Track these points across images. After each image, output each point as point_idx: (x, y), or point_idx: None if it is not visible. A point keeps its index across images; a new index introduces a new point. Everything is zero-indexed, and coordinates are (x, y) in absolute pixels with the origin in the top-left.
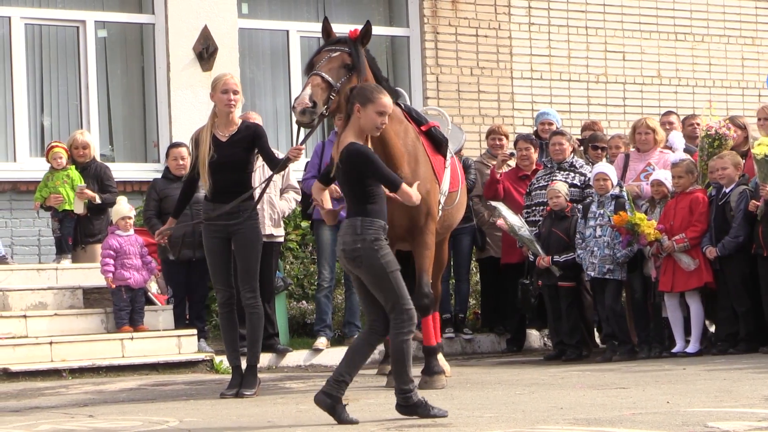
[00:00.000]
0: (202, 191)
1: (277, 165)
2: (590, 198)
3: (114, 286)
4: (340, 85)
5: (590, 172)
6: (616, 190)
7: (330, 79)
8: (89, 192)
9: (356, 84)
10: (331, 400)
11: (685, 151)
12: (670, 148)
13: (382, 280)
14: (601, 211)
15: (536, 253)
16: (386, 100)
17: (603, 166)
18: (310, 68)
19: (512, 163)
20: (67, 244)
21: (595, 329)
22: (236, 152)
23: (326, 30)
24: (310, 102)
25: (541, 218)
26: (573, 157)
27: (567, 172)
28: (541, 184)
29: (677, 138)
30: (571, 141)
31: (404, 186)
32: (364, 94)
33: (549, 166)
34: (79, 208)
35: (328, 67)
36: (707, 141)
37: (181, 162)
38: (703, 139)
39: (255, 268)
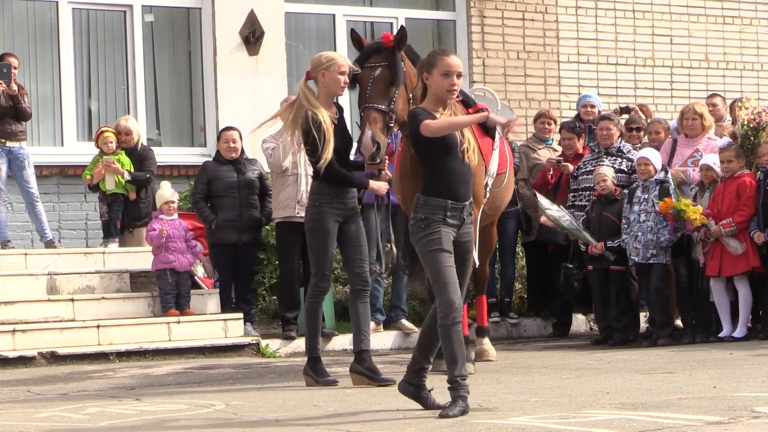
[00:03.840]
0: (249, 174)
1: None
2: (636, 183)
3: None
4: (393, 104)
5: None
6: (661, 175)
7: (383, 107)
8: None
9: (405, 94)
10: (414, 388)
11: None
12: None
13: (424, 261)
14: (646, 196)
15: (586, 242)
16: (451, 60)
17: (646, 151)
18: (354, 83)
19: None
20: (116, 227)
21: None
22: (346, 134)
23: (357, 40)
24: (374, 145)
25: (587, 203)
26: (620, 142)
27: (614, 158)
28: (587, 169)
29: None
30: (618, 126)
31: (448, 122)
32: (428, 60)
33: (596, 151)
34: (110, 184)
35: (377, 91)
36: (751, 132)
37: (232, 145)
38: (744, 128)
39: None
